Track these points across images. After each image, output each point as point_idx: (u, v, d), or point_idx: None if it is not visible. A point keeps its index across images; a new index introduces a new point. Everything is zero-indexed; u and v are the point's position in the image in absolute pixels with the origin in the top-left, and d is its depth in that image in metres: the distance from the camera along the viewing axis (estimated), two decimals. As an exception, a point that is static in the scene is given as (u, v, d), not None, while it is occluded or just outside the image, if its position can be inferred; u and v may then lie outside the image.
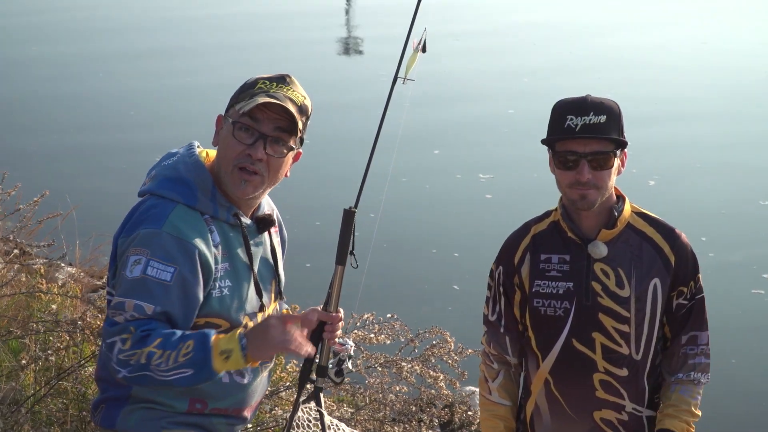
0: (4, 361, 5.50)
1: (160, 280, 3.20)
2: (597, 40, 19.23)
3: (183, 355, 3.13)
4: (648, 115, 14.62)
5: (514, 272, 3.87)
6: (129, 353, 3.16)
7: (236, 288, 3.38)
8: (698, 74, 16.85)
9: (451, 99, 15.45)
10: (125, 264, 3.23)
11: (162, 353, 3.13)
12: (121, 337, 3.17)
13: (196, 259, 3.26)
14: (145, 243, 3.22)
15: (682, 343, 3.81)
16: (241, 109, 3.33)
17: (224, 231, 3.37)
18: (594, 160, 3.62)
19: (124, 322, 3.18)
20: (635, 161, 12.11)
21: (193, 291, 3.26)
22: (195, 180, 3.35)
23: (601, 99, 3.69)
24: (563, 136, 3.63)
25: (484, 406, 4.01)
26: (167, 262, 3.21)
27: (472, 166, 12.80)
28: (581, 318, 3.74)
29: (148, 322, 3.18)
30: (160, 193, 3.33)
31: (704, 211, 11.39)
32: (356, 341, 5.65)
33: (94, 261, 8.11)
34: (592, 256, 3.73)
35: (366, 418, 5.72)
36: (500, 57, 17.90)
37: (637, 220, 3.79)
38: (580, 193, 3.65)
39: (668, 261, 3.74)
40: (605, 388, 3.77)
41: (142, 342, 3.14)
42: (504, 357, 3.95)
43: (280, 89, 3.38)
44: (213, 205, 3.35)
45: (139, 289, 3.19)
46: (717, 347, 3.98)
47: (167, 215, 3.27)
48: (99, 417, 3.44)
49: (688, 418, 3.77)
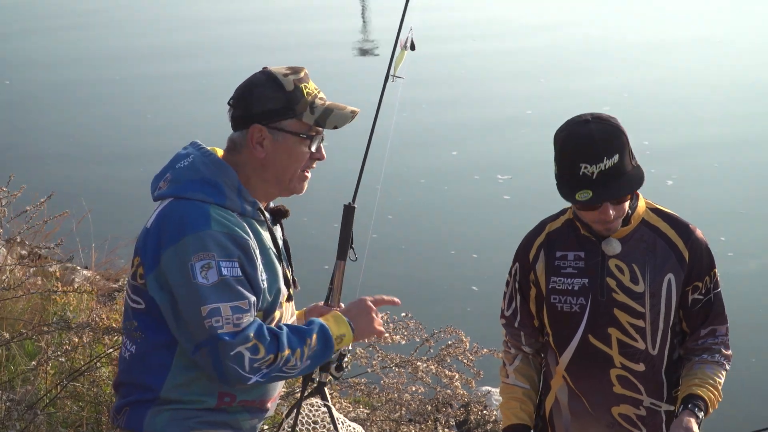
0: (20, 364, 5.52)
1: (236, 277, 3.24)
2: (612, 40, 19.17)
3: (310, 350, 3.34)
4: (665, 114, 14.59)
5: (530, 269, 3.90)
6: (263, 360, 3.23)
7: (273, 280, 3.40)
8: (716, 73, 16.78)
9: (469, 100, 15.44)
10: (192, 272, 3.21)
11: (293, 353, 3.29)
12: (248, 347, 3.21)
13: (251, 252, 3.29)
14: (204, 246, 3.22)
15: (701, 335, 3.80)
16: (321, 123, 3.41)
17: (253, 226, 3.39)
18: (615, 201, 3.63)
19: (234, 330, 3.21)
20: (654, 161, 12.11)
21: (257, 281, 3.32)
22: (221, 179, 3.36)
23: (605, 130, 3.58)
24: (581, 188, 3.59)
25: (503, 391, 4.04)
26: (231, 258, 3.24)
27: (491, 167, 12.79)
28: (597, 314, 3.75)
29: (259, 325, 3.26)
30: (187, 195, 3.31)
31: (723, 211, 11.34)
32: (371, 341, 5.64)
33: (109, 264, 8.12)
34: (606, 253, 3.74)
35: (382, 418, 5.71)
36: (516, 58, 17.88)
37: (651, 216, 3.79)
38: (606, 227, 3.68)
39: (682, 256, 3.74)
40: (622, 383, 3.78)
41: (275, 346, 3.25)
42: (520, 347, 4.00)
43: (319, 92, 3.47)
44: (240, 202, 3.36)
45: (225, 291, 3.22)
46: (736, 346, 3.97)
47: (209, 215, 3.26)
48: (123, 420, 3.43)
49: (714, 391, 3.73)
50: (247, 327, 3.23)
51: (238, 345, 3.20)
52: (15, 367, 5.52)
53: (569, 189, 3.60)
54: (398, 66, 4.02)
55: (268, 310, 3.41)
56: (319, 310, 3.77)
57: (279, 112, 3.40)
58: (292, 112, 3.39)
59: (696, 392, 3.68)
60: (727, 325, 3.86)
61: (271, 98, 3.39)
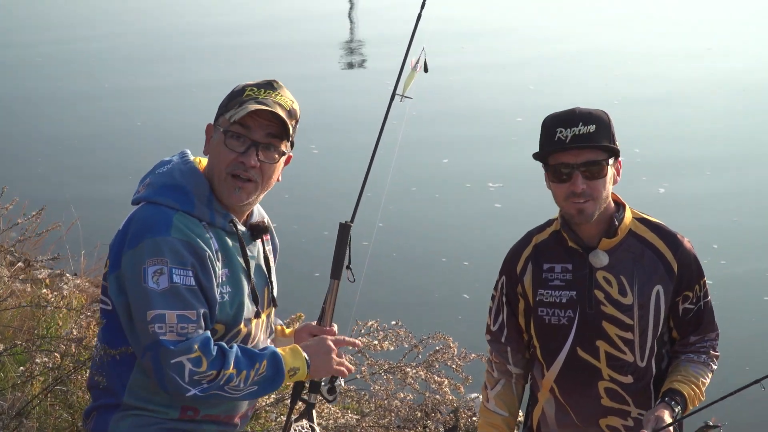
0: (9, 371, 5.51)
1: (188, 286, 3.23)
2: (603, 48, 19.22)
3: (257, 374, 3.29)
4: (656, 123, 14.61)
5: (517, 282, 3.88)
6: (204, 374, 3.21)
7: (235, 294, 3.39)
8: (711, 82, 16.81)
9: (460, 109, 15.44)
10: (143, 276, 3.22)
11: (238, 373, 3.25)
12: (190, 358, 3.19)
13: (207, 263, 3.28)
14: (159, 252, 3.22)
15: (690, 342, 3.81)
16: (231, 117, 3.35)
17: (221, 237, 3.38)
18: (587, 171, 3.61)
19: (177, 339, 3.19)
20: (645, 169, 12.13)
21: (212, 293, 3.29)
22: (191, 187, 3.36)
23: (589, 110, 3.67)
24: (554, 148, 3.62)
25: (482, 413, 4.04)
26: (186, 266, 3.23)
27: (482, 175, 12.79)
28: (585, 326, 3.75)
29: (206, 338, 3.23)
30: (157, 200, 3.33)
31: (715, 219, 11.35)
32: (361, 348, 5.63)
33: (98, 271, 8.10)
34: (593, 265, 3.73)
35: (371, 424, 5.70)
36: (507, 68, 17.90)
37: (638, 227, 3.78)
38: (577, 207, 3.63)
39: (671, 267, 3.73)
40: (611, 395, 3.78)
41: (219, 363, 3.22)
42: (506, 366, 3.97)
43: (268, 95, 3.40)
44: (210, 212, 3.36)
45: (173, 298, 3.21)
46: (730, 354, 3.98)
47: (171, 221, 3.27)
48: (91, 424, 3.46)
49: (695, 389, 3.72)
50: (193, 338, 3.21)
51: (179, 354, 3.19)
52: (5, 374, 5.52)
53: (543, 149, 3.66)
54: (408, 86, 3.96)
55: (230, 323, 3.39)
56: (309, 329, 3.75)
57: (219, 110, 3.44)
58: (225, 109, 3.42)
59: (675, 387, 3.68)
60: (717, 331, 3.87)
61: (224, 99, 3.46)
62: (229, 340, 3.39)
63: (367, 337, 5.69)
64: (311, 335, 3.70)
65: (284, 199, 11.04)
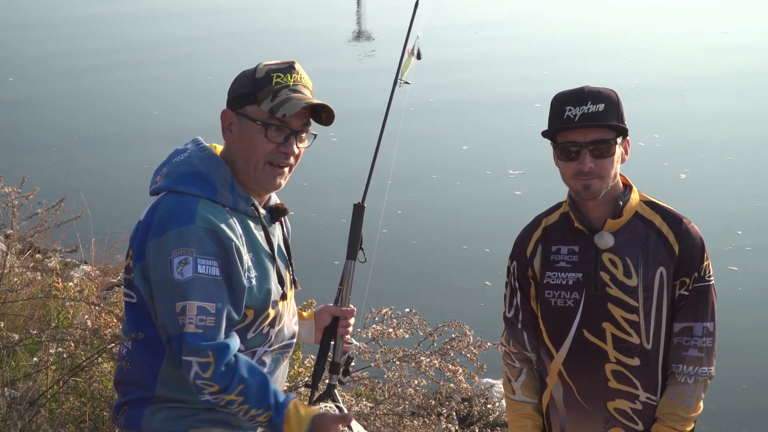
0: (21, 360, 5.52)
1: (212, 277, 3.21)
2: (619, 33, 19.18)
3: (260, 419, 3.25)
4: (677, 107, 14.54)
5: (528, 265, 3.87)
6: (208, 383, 3.20)
7: (262, 277, 3.37)
8: (728, 65, 16.73)
9: (479, 97, 15.43)
10: (169, 267, 3.20)
11: (241, 403, 3.22)
12: (199, 361, 3.18)
13: (233, 250, 3.25)
14: (184, 241, 3.20)
15: (674, 332, 3.77)
16: (274, 111, 3.32)
17: (244, 222, 3.37)
18: (595, 149, 3.61)
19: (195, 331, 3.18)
20: (666, 156, 12.05)
21: (240, 281, 3.27)
22: (213, 173, 3.34)
23: (599, 88, 3.67)
24: (563, 126, 3.63)
25: (510, 407, 4.01)
26: (210, 256, 3.21)
27: (502, 162, 12.76)
28: (591, 308, 3.73)
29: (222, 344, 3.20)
30: (179, 189, 3.31)
31: (739, 205, 11.26)
32: (375, 336, 5.62)
33: (108, 259, 8.13)
34: (599, 247, 3.71)
35: (385, 412, 5.68)
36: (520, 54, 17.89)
37: (645, 209, 3.76)
38: (584, 183, 3.64)
39: (672, 250, 3.71)
40: (617, 378, 3.77)
41: (225, 379, 3.19)
42: (524, 354, 3.95)
43: (295, 81, 3.38)
44: (233, 197, 3.34)
45: (195, 289, 3.19)
46: (757, 338, 3.90)
47: (195, 210, 3.24)
48: (122, 419, 3.42)
49: (674, 424, 3.75)
50: (210, 343, 3.19)
51: (191, 353, 3.19)
52: (16, 362, 5.52)
53: (552, 127, 3.67)
54: (405, 72, 4.03)
55: (259, 308, 3.38)
56: (329, 311, 3.77)
57: (243, 98, 3.39)
58: (254, 98, 3.37)
59: None
60: (709, 323, 3.76)
61: (242, 84, 3.40)
62: (259, 323, 3.39)
63: (381, 325, 5.66)
64: (331, 316, 3.75)
65: (303, 188, 11.03)
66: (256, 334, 3.40)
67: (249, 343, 3.39)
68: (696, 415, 3.78)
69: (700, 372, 3.74)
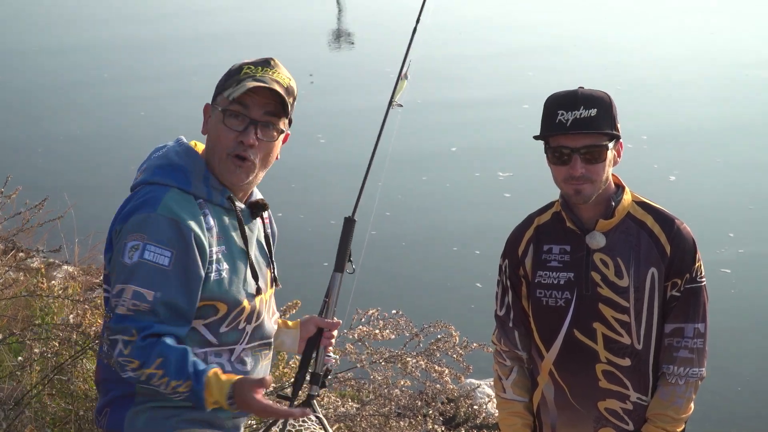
0: (4, 360, 5.50)
1: (158, 265, 3.19)
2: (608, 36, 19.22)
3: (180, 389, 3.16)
4: (667, 109, 14.55)
5: (519, 264, 3.87)
6: (127, 359, 3.17)
7: (234, 271, 3.37)
8: (711, 64, 16.77)
9: (468, 98, 15.43)
10: (122, 251, 3.21)
11: (161, 376, 3.15)
12: (123, 338, 3.17)
13: (191, 240, 3.24)
14: (141, 227, 3.21)
15: (665, 333, 3.76)
16: (229, 95, 3.33)
17: (219, 215, 3.37)
18: (587, 154, 3.60)
19: (125, 313, 3.17)
20: (656, 156, 12.05)
21: (195, 271, 3.25)
22: (187, 165, 3.36)
23: (591, 91, 3.66)
24: (555, 132, 3.61)
25: (501, 405, 4.01)
26: (164, 245, 3.20)
27: (491, 164, 12.76)
28: (582, 308, 3.73)
29: (149, 324, 3.17)
30: (153, 180, 3.33)
31: (730, 207, 11.28)
32: (361, 336, 5.60)
33: (92, 259, 8.10)
34: (590, 247, 3.71)
35: (371, 413, 5.67)
36: (506, 55, 17.91)
37: (637, 210, 3.76)
38: (575, 187, 3.64)
39: (664, 251, 3.71)
40: (608, 378, 3.76)
41: (143, 354, 3.14)
42: (515, 352, 3.95)
43: (265, 73, 3.38)
44: (206, 189, 3.34)
45: (137, 274, 3.18)
46: (749, 341, 3.90)
47: (161, 199, 3.25)
48: (105, 421, 3.40)
49: (664, 425, 3.75)
50: (134, 318, 3.17)
51: (117, 332, 3.17)
52: (0, 362, 5.50)
53: (544, 131, 3.65)
54: (398, 95, 4.08)
55: (231, 301, 3.36)
56: (315, 321, 3.77)
57: (217, 89, 3.43)
58: (222, 87, 3.40)
59: None
60: (700, 324, 3.75)
61: (221, 78, 3.44)
62: (233, 318, 3.37)
63: (368, 326, 5.64)
64: (317, 327, 3.74)
65: (291, 188, 11.02)
66: (230, 329, 3.38)
67: (223, 338, 3.37)
68: (687, 416, 3.78)
69: (690, 373, 3.74)
